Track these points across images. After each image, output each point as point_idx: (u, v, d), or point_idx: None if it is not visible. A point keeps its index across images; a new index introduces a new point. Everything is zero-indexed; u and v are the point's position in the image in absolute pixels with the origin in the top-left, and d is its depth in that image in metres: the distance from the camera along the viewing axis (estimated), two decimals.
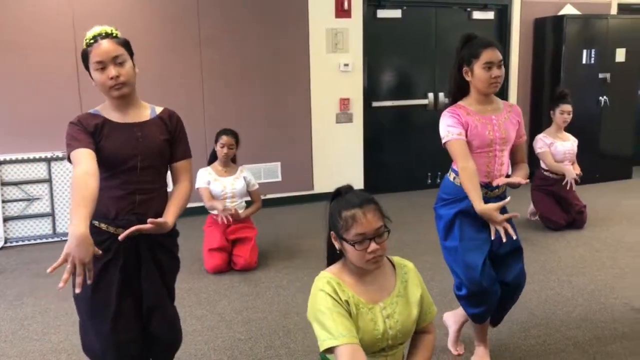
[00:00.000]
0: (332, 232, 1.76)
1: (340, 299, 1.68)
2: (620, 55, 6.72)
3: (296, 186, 5.99)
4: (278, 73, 5.74)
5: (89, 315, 2.06)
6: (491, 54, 2.38)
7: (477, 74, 2.40)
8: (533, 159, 5.42)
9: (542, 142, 4.91)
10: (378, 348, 1.72)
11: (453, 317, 2.90)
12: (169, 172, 2.21)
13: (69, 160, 1.93)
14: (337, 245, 1.76)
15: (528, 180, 2.39)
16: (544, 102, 6.60)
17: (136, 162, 2.02)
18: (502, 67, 2.41)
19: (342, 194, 1.77)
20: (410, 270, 1.86)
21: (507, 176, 2.52)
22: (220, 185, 4.08)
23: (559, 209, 4.92)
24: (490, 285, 2.44)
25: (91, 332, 2.07)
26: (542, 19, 6.69)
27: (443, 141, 2.46)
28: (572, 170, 4.77)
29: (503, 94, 6.76)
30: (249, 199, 4.28)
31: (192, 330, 3.13)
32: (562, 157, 4.88)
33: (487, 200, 2.45)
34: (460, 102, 2.51)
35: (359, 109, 6.10)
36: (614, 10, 7.12)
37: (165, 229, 1.99)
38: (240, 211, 4.15)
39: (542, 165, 4.99)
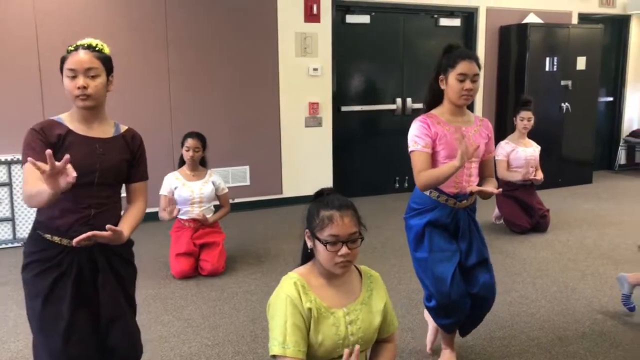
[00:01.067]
0: (307, 230, 1.76)
1: (303, 306, 1.69)
2: (581, 63, 6.92)
3: (265, 190, 5.96)
4: (247, 76, 5.72)
5: (39, 331, 2.01)
6: (467, 66, 2.39)
7: (451, 83, 2.42)
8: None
9: (502, 150, 5.01)
10: (338, 354, 1.73)
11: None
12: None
13: (23, 167, 1.91)
14: (309, 243, 1.77)
15: (501, 190, 2.44)
16: (509, 108, 6.74)
17: (93, 178, 2.00)
18: (477, 81, 2.43)
19: (324, 195, 1.80)
20: (376, 280, 1.89)
21: (479, 185, 2.53)
22: (188, 190, 4.02)
23: (523, 213, 5.02)
24: (460, 298, 2.46)
25: (42, 348, 2.01)
26: (507, 26, 6.84)
27: (409, 150, 2.48)
28: (525, 173, 4.86)
29: None
30: (217, 203, 4.24)
31: (158, 337, 3.08)
32: (524, 162, 4.99)
33: (456, 210, 2.48)
34: (432, 111, 2.53)
35: (328, 113, 6.12)
36: (574, 20, 7.33)
37: (121, 240, 1.97)
38: (208, 216, 4.11)
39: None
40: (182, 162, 4.15)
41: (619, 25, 7.96)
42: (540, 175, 5.04)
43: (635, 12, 7.74)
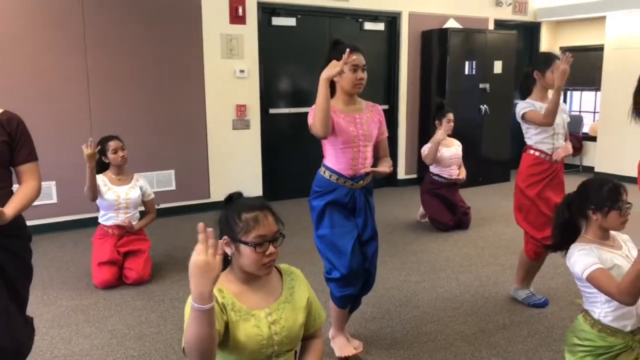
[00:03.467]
0: (224, 237, 1.72)
1: (217, 301, 1.65)
2: (498, 67, 7.27)
3: (191, 195, 5.84)
4: (171, 78, 5.58)
5: None
6: (357, 58, 2.60)
7: (344, 75, 2.62)
8: (423, 166, 5.70)
9: (427, 147, 5.19)
10: (264, 355, 1.72)
11: (334, 335, 2.97)
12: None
13: None
14: (229, 250, 1.73)
15: (392, 169, 2.74)
16: (431, 110, 6.96)
17: None
18: (365, 71, 2.65)
19: (234, 199, 1.77)
20: (297, 277, 1.89)
21: (374, 167, 2.77)
22: (113, 194, 3.87)
23: (446, 211, 5.21)
24: (359, 267, 2.70)
25: None
26: (429, 31, 7.08)
27: (309, 122, 2.66)
28: (441, 135, 5.03)
29: (393, 102, 7.06)
30: (142, 209, 4.10)
31: (78, 350, 2.93)
32: (449, 161, 5.18)
33: (353, 191, 2.70)
34: None
35: (255, 116, 6.08)
36: (491, 26, 7.70)
37: (3, 220, 1.94)
38: (134, 222, 3.97)
39: (431, 170, 5.26)
40: (101, 168, 3.96)
41: (530, 31, 8.44)
42: (463, 174, 5.26)
43: (545, 20, 8.24)
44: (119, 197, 3.88)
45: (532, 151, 3.40)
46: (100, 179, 3.89)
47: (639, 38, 7.09)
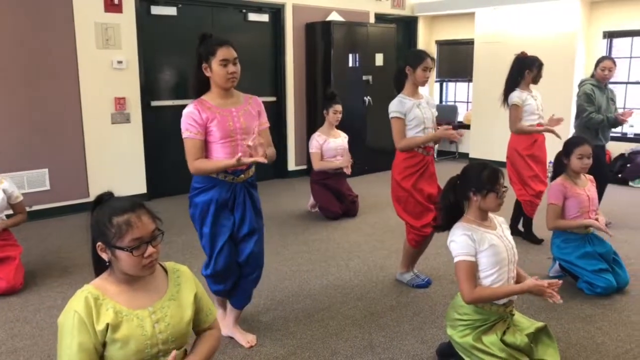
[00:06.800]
0: (99, 243, 1.63)
1: (95, 323, 1.59)
2: (379, 59, 7.54)
3: (68, 194, 5.44)
4: (40, 69, 5.14)
5: None
6: (226, 52, 2.57)
7: (215, 70, 2.59)
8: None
9: (316, 142, 5.28)
10: (149, 354, 1.67)
11: (227, 327, 2.95)
12: None
13: None
14: (105, 256, 1.65)
15: (272, 158, 2.72)
16: (318, 102, 7.07)
17: None
18: (238, 64, 2.62)
19: (104, 201, 1.68)
20: (183, 274, 1.85)
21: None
22: None
23: (335, 200, 5.33)
24: (228, 265, 2.73)
25: None
26: (313, 23, 7.15)
27: (183, 136, 2.64)
28: (338, 163, 5.26)
29: (280, 94, 7.06)
30: (10, 212, 3.75)
31: None
32: (334, 152, 5.30)
33: (234, 185, 2.69)
34: (203, 97, 2.69)
35: (136, 109, 5.80)
36: (372, 19, 7.95)
37: None
38: None
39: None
40: None
41: (408, 25, 8.84)
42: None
43: (421, 14, 8.67)
44: None
45: None
46: None
47: (504, 33, 7.68)
